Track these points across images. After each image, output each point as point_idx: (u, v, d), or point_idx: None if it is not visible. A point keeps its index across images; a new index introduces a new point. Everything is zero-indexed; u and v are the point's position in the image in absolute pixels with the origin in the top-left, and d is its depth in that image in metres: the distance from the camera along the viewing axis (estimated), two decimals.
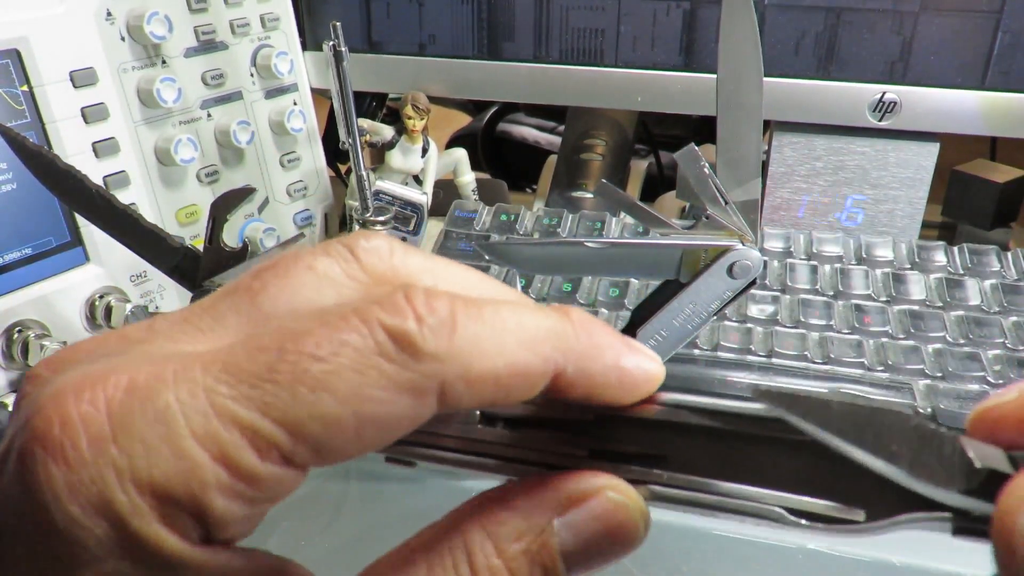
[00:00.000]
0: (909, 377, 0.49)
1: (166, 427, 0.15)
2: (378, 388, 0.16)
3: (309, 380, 0.16)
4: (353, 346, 0.16)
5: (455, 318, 0.17)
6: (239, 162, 0.63)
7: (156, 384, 0.16)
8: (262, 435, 0.16)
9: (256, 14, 0.63)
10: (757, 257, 0.40)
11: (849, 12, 0.61)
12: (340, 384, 0.16)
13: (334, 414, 0.16)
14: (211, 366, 0.16)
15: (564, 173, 0.75)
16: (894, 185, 0.65)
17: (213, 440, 0.16)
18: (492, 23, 0.68)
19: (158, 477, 0.15)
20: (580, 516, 0.18)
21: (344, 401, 0.16)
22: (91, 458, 0.15)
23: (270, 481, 0.16)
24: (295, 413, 0.16)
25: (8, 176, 0.50)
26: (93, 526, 0.15)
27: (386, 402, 0.16)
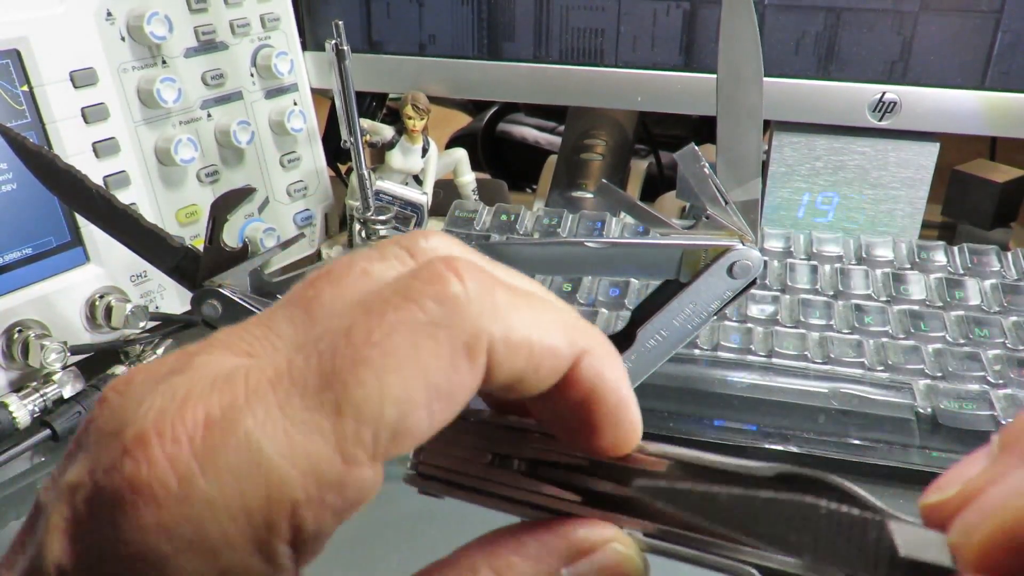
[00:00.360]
0: (909, 377, 0.49)
1: (249, 452, 0.15)
2: (436, 356, 0.16)
3: (371, 365, 0.16)
4: (403, 322, 0.16)
5: (495, 284, 0.18)
6: (239, 162, 0.63)
7: (232, 413, 0.16)
8: (343, 436, 0.16)
9: (256, 14, 0.63)
10: (757, 257, 0.40)
11: (849, 12, 0.61)
12: (402, 362, 0.16)
13: (404, 393, 0.16)
14: (279, 381, 0.16)
15: (564, 173, 0.75)
16: (894, 185, 0.65)
17: (298, 454, 0.16)
18: (492, 23, 0.68)
19: (250, 503, 0.15)
20: (586, 567, 0.19)
21: (410, 377, 0.16)
22: (182, 496, 0.15)
23: (357, 483, 0.16)
24: (367, 402, 0.16)
25: (8, 176, 0.50)
26: (188, 563, 0.15)
27: (446, 368, 0.16)
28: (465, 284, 0.17)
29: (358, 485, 0.16)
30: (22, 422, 0.47)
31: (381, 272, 0.18)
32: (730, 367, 0.51)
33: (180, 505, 0.15)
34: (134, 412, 0.16)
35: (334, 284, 0.18)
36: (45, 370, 0.49)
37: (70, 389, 0.50)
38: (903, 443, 0.46)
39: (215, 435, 0.15)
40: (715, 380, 0.50)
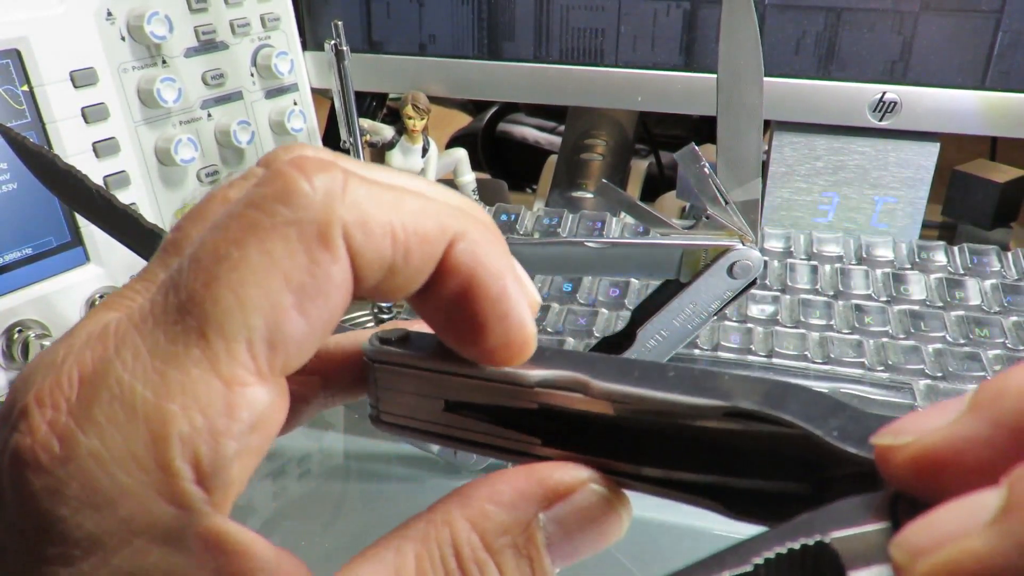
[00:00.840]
0: (909, 377, 0.49)
1: (123, 398, 0.15)
2: (289, 254, 0.16)
3: (225, 281, 0.16)
4: (248, 229, 0.16)
5: (348, 174, 0.17)
6: (239, 162, 0.63)
7: (102, 365, 0.16)
8: (215, 357, 0.16)
9: (256, 14, 0.63)
10: (757, 257, 0.40)
11: (849, 12, 0.61)
12: (255, 269, 0.16)
13: (267, 300, 0.16)
14: (142, 321, 0.16)
15: (564, 173, 0.75)
16: (894, 185, 0.65)
17: (173, 388, 0.15)
18: (492, 23, 0.68)
19: (136, 448, 0.15)
20: (565, 510, 0.18)
21: (268, 282, 0.16)
22: (65, 455, 0.15)
23: (245, 404, 0.16)
24: (231, 319, 0.16)
25: (8, 176, 0.50)
26: (85, 522, 0.15)
27: (305, 263, 0.16)
28: (311, 178, 0.16)
29: (250, 405, 0.16)
30: None
31: (238, 193, 0.18)
32: (730, 367, 0.51)
33: (65, 465, 0.15)
34: (21, 387, 0.16)
35: (197, 219, 0.18)
36: None
37: None
38: None
39: (89, 390, 0.15)
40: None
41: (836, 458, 0.16)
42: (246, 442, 0.16)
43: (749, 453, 0.18)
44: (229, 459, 0.16)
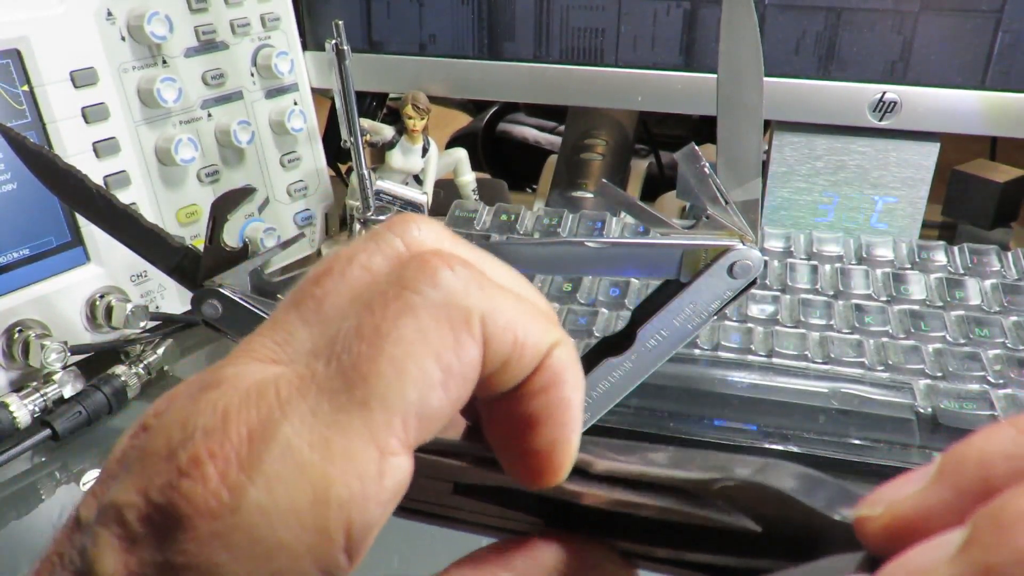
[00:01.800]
0: (909, 377, 0.49)
1: (292, 458, 0.16)
2: (441, 334, 0.17)
3: (388, 358, 0.17)
4: (405, 309, 0.17)
5: (481, 271, 0.18)
6: (239, 162, 0.63)
7: (271, 425, 0.16)
8: (374, 428, 0.17)
9: (256, 14, 0.63)
10: (757, 257, 0.40)
11: (849, 12, 0.61)
12: (412, 346, 0.17)
13: (421, 375, 0.17)
14: (307, 390, 0.17)
15: (564, 173, 0.75)
16: (894, 185, 0.65)
17: (337, 454, 0.16)
18: (492, 23, 0.68)
19: (299, 505, 0.16)
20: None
21: (423, 358, 0.17)
22: (235, 506, 0.16)
23: (394, 472, 0.17)
24: (392, 392, 0.17)
25: (8, 176, 0.50)
26: (241, 568, 0.16)
27: (452, 343, 0.17)
28: (454, 269, 0.18)
29: (396, 474, 0.17)
30: (22, 422, 0.47)
31: (380, 265, 0.19)
32: (730, 367, 0.51)
33: (234, 515, 0.16)
34: (181, 433, 0.17)
35: (337, 281, 0.19)
36: (45, 370, 0.49)
37: (70, 389, 0.50)
38: (903, 443, 0.46)
39: (258, 447, 0.16)
40: (715, 380, 0.50)
41: (826, 526, 0.17)
42: (388, 509, 0.17)
43: (743, 532, 0.18)
44: (373, 525, 0.17)
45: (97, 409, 0.49)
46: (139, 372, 0.52)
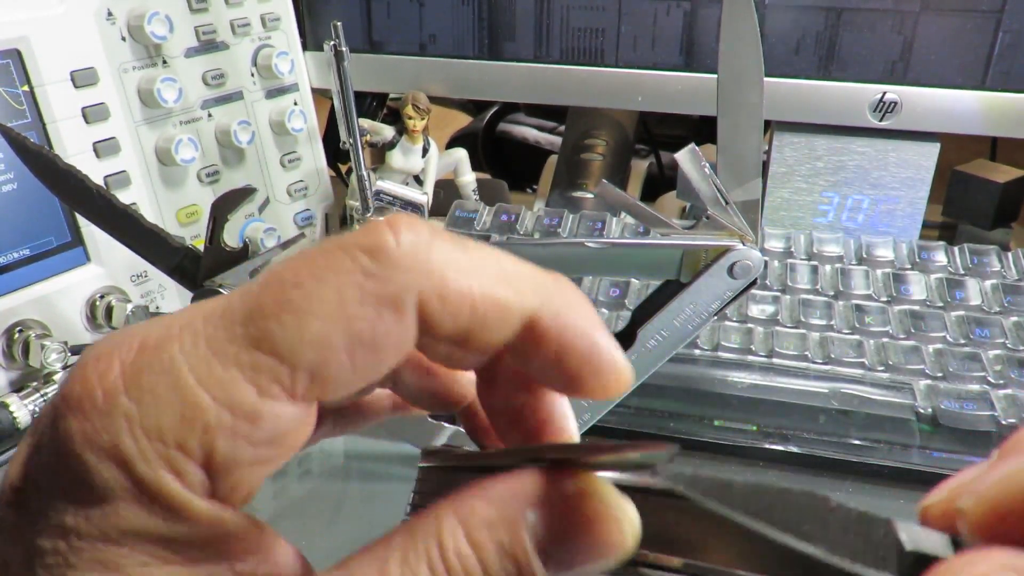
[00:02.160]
0: (910, 377, 0.49)
1: (170, 376, 0.17)
2: (359, 303, 0.17)
3: (293, 307, 0.17)
4: (332, 269, 0.17)
5: (433, 239, 0.18)
6: (240, 162, 0.63)
7: (163, 341, 0.17)
8: (258, 369, 0.17)
9: (256, 14, 0.63)
10: (758, 257, 0.40)
11: (849, 12, 0.61)
12: (322, 306, 0.17)
13: (321, 336, 0.17)
14: (211, 316, 0.17)
15: (564, 173, 0.75)
16: (894, 185, 0.65)
17: (214, 382, 0.17)
18: (492, 23, 0.68)
19: (165, 423, 0.16)
20: (557, 511, 0.18)
21: (329, 321, 0.17)
22: (104, 409, 0.16)
23: (272, 418, 0.17)
24: (284, 341, 0.17)
25: (9, 176, 0.50)
26: (104, 471, 0.16)
27: (369, 318, 0.17)
28: (399, 237, 0.17)
29: (274, 419, 0.17)
30: (23, 422, 0.47)
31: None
32: (730, 367, 0.51)
33: (102, 417, 0.16)
34: (92, 348, 0.18)
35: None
36: (46, 370, 0.49)
37: None
38: (903, 443, 0.46)
39: (143, 359, 0.17)
40: (715, 380, 0.50)
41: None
42: (262, 452, 0.17)
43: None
44: (240, 462, 0.17)
45: None
46: None
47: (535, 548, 0.18)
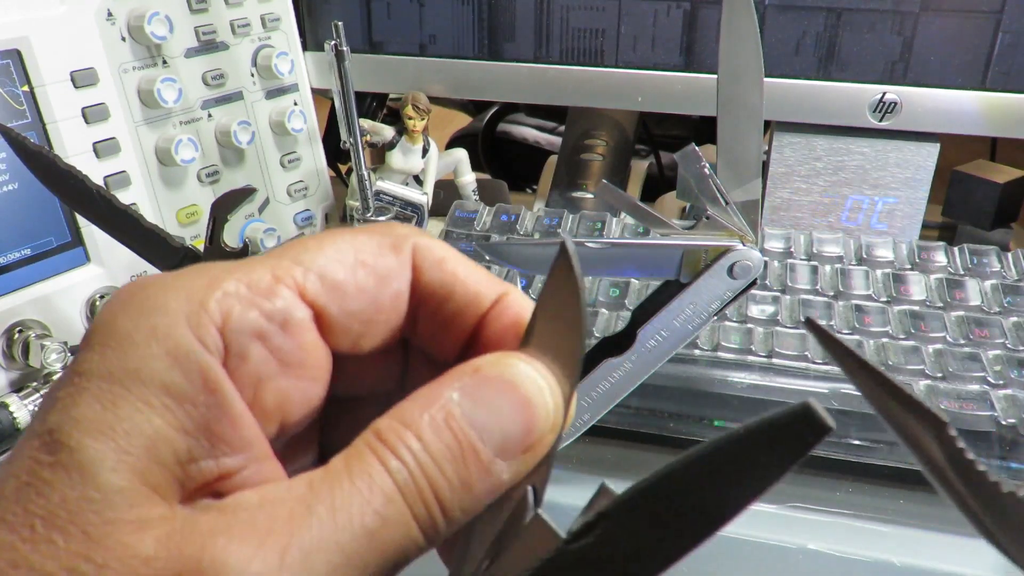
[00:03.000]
0: (910, 377, 0.49)
1: (203, 269, 0.20)
2: (366, 241, 0.22)
3: (316, 240, 0.21)
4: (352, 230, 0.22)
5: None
6: (240, 162, 0.63)
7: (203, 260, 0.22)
8: (277, 266, 0.20)
9: (256, 14, 0.63)
10: (758, 257, 0.40)
11: (849, 12, 0.61)
12: (337, 241, 0.21)
13: (334, 254, 0.21)
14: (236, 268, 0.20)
15: (564, 173, 0.75)
16: (894, 185, 0.65)
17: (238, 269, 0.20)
18: (492, 23, 0.68)
19: (194, 285, 0.19)
20: (480, 383, 0.20)
21: (341, 248, 0.21)
22: (143, 283, 0.20)
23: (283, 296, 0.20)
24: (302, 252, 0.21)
25: (8, 176, 0.50)
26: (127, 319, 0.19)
27: (373, 250, 0.22)
28: (406, 225, 0.23)
29: (284, 299, 0.20)
30: (22, 422, 0.47)
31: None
32: (730, 367, 0.51)
33: (140, 288, 0.19)
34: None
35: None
36: (46, 370, 0.49)
37: None
38: None
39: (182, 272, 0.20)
40: (715, 380, 0.50)
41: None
42: (272, 329, 0.20)
43: None
44: (252, 327, 0.19)
45: None
46: None
47: (472, 426, 0.19)
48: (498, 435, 0.19)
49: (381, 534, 0.18)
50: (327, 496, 0.18)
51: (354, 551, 0.17)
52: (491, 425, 0.19)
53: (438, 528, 0.19)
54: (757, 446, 0.17)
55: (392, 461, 0.18)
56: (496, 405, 0.19)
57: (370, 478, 0.18)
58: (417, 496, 0.18)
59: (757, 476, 0.17)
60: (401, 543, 0.18)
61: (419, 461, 0.18)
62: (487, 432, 0.19)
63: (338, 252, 0.21)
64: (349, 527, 0.17)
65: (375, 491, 0.18)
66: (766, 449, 0.17)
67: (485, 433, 0.19)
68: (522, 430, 0.19)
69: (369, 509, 0.18)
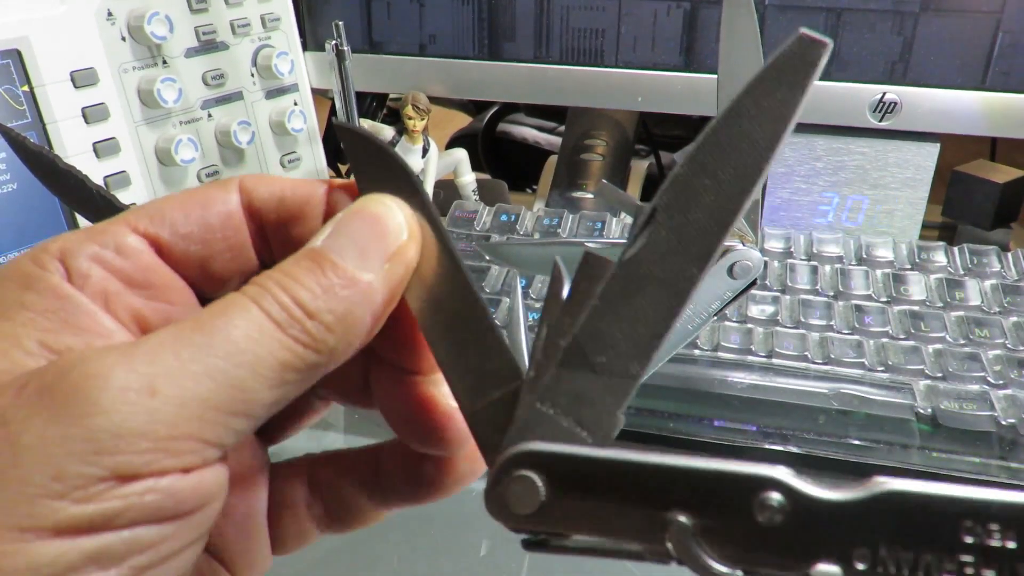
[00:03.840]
0: (909, 377, 0.49)
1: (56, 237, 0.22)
2: (201, 188, 0.23)
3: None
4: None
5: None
6: (240, 162, 0.63)
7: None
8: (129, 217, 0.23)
9: (256, 14, 0.63)
10: (757, 257, 0.40)
11: (849, 12, 0.61)
12: (174, 192, 0.23)
13: (166, 198, 0.23)
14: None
15: (564, 173, 0.75)
16: (894, 185, 0.65)
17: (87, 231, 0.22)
18: (492, 23, 0.68)
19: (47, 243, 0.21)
20: (335, 222, 0.21)
21: (174, 195, 0.23)
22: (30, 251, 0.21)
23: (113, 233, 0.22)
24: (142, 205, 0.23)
25: (8, 176, 0.50)
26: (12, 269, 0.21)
27: (202, 189, 0.23)
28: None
29: (115, 232, 0.22)
30: None
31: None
32: (730, 367, 0.51)
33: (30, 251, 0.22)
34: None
35: None
36: None
37: None
38: (903, 443, 0.46)
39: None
40: (715, 380, 0.50)
41: None
42: (107, 254, 0.21)
43: None
44: (87, 253, 0.21)
45: None
46: None
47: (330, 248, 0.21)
48: (354, 249, 0.21)
49: (250, 349, 0.19)
50: (197, 328, 0.19)
51: (225, 371, 0.18)
52: (346, 244, 0.21)
53: (312, 333, 0.20)
54: (772, 83, 0.19)
55: (251, 288, 0.20)
56: (350, 229, 0.21)
57: (234, 306, 0.20)
58: (275, 305, 0.19)
59: (782, 108, 0.19)
60: (277, 355, 0.19)
61: (279, 282, 0.20)
62: (343, 249, 0.21)
63: (167, 196, 0.23)
64: (216, 349, 0.19)
65: (237, 314, 0.19)
66: (780, 82, 0.19)
67: (342, 251, 0.21)
68: (377, 241, 0.21)
69: (232, 329, 0.19)
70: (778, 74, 0.19)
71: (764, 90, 0.19)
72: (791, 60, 0.19)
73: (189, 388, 0.18)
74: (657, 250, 0.19)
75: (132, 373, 0.18)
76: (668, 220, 0.19)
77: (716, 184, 0.19)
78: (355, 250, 0.21)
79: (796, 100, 0.19)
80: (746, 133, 0.19)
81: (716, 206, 0.19)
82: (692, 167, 0.19)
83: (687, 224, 0.19)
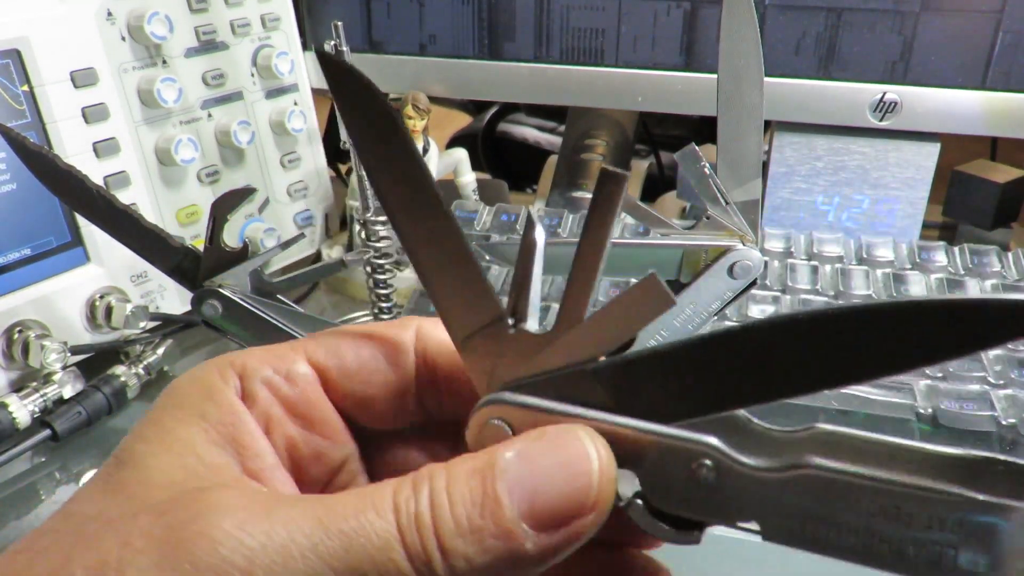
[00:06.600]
0: (909, 377, 0.49)
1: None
2: (388, 324, 0.25)
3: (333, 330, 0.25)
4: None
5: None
6: (239, 162, 0.63)
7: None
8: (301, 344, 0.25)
9: (256, 14, 0.63)
10: (758, 257, 0.40)
11: (849, 12, 0.61)
12: (361, 328, 0.25)
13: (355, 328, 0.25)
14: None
15: (564, 173, 0.75)
16: (894, 185, 0.65)
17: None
18: (492, 23, 0.68)
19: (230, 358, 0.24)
20: (535, 442, 0.19)
21: (351, 329, 0.25)
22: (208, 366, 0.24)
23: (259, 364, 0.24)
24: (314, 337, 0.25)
25: (8, 176, 0.50)
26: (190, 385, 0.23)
27: (392, 327, 0.25)
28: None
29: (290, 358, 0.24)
30: (22, 422, 0.47)
31: None
32: None
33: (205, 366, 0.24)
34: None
35: None
36: (45, 370, 0.49)
37: (70, 389, 0.50)
38: None
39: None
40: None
41: None
42: (278, 379, 0.23)
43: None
44: (261, 375, 0.23)
45: (97, 409, 0.49)
46: (139, 372, 0.52)
47: (503, 473, 0.18)
48: (527, 494, 0.18)
49: (356, 542, 0.17)
50: (327, 500, 0.18)
51: (321, 547, 0.17)
52: (522, 481, 0.18)
53: (431, 564, 0.17)
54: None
55: (405, 488, 0.18)
56: (536, 463, 0.18)
57: (372, 495, 0.18)
58: (412, 522, 0.17)
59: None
60: (377, 560, 0.17)
61: (433, 494, 0.18)
62: (516, 488, 0.18)
63: (347, 329, 0.24)
64: (327, 524, 0.18)
65: (367, 504, 0.18)
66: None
67: (516, 487, 0.18)
68: (557, 495, 0.18)
69: (354, 515, 0.18)
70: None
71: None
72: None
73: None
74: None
75: (239, 549, 0.17)
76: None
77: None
78: (528, 497, 0.18)
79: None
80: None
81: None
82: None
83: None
